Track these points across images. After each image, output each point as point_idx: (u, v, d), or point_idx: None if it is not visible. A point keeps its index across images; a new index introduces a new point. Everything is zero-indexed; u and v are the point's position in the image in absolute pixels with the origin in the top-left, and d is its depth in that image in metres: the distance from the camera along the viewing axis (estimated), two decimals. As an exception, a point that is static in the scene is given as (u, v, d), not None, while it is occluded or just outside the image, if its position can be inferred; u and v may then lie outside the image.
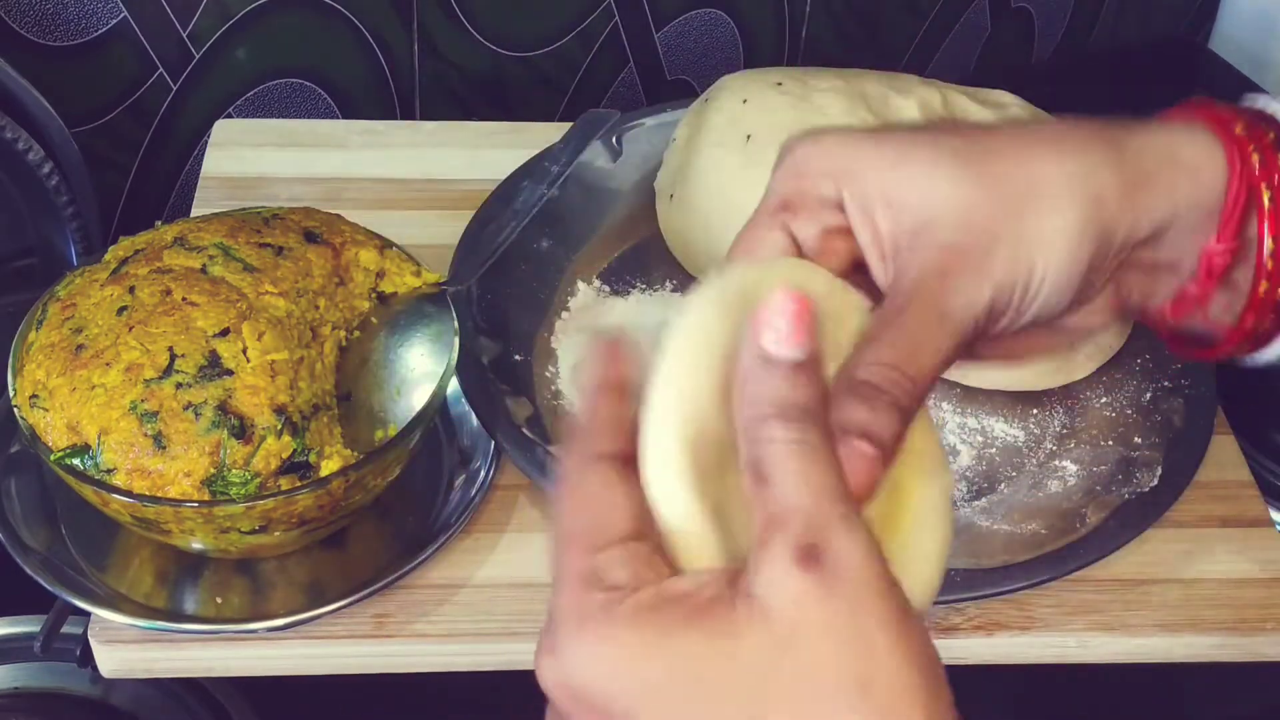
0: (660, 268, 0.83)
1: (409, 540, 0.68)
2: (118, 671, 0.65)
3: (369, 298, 0.69)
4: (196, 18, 0.92)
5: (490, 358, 0.74)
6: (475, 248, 0.78)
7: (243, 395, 0.60)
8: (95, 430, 0.59)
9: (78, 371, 0.60)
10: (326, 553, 0.68)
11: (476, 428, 0.71)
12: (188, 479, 0.59)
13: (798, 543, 0.35)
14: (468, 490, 0.69)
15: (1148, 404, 0.75)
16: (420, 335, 0.69)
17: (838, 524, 0.35)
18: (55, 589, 0.63)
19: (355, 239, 0.69)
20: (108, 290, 0.63)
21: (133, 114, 0.95)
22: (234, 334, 0.61)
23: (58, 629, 0.65)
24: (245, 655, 0.65)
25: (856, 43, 1.12)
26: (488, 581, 0.67)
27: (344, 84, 0.99)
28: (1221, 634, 0.67)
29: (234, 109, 0.98)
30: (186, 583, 0.66)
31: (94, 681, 0.74)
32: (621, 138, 0.87)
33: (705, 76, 1.06)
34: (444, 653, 0.66)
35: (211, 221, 0.68)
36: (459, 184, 0.88)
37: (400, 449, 0.64)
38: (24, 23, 0.89)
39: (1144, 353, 0.77)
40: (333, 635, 0.65)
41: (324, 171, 0.89)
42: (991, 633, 0.66)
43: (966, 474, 0.72)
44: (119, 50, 0.91)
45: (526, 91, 1.04)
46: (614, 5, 1.02)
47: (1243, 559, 0.70)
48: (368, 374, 0.68)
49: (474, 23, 0.99)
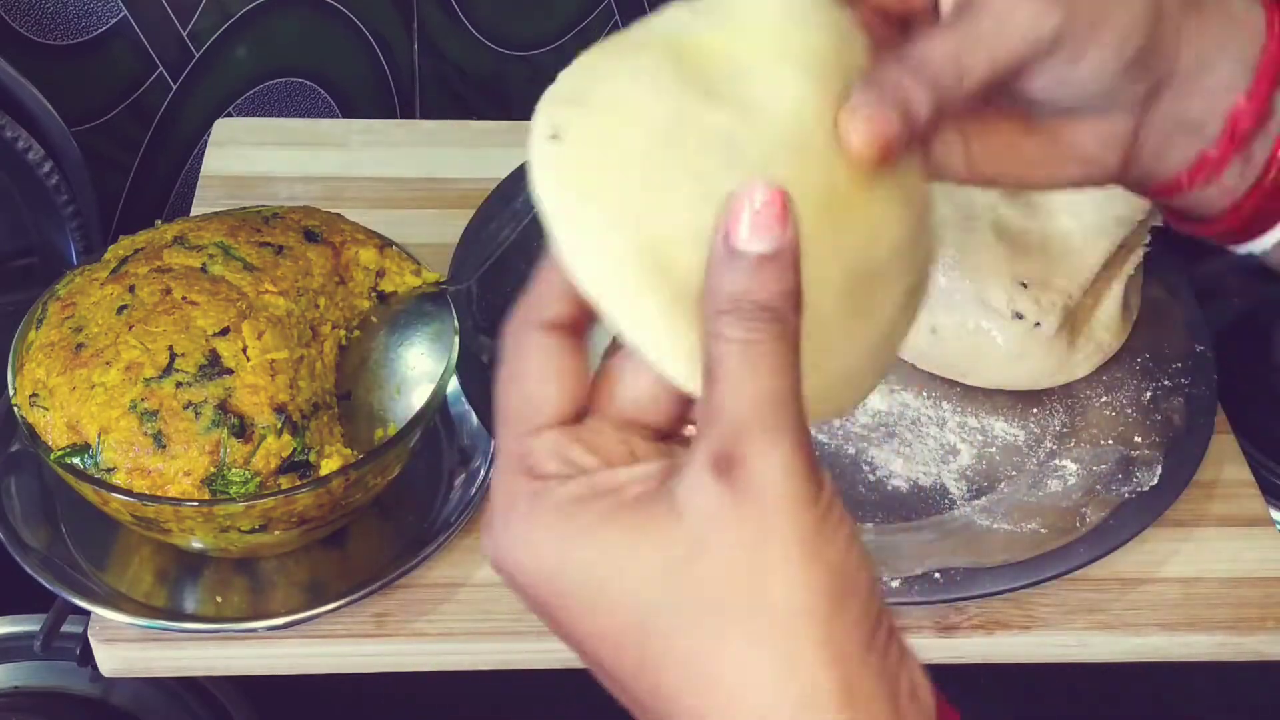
0: (660, 267, 0.83)
1: (409, 539, 0.68)
2: (118, 670, 0.65)
3: (369, 297, 0.69)
4: (196, 17, 0.92)
5: (490, 357, 0.74)
6: (475, 247, 0.78)
7: (243, 394, 0.60)
8: (95, 429, 0.59)
9: (78, 370, 0.60)
10: (326, 552, 0.68)
11: (476, 427, 0.71)
12: (188, 478, 0.59)
13: (717, 450, 0.34)
14: (467, 489, 0.69)
15: (1148, 403, 0.75)
16: (420, 334, 0.69)
17: (762, 435, 0.34)
18: (55, 588, 0.63)
19: (355, 238, 0.69)
20: (108, 289, 0.63)
21: (133, 113, 0.95)
22: (234, 333, 0.61)
23: (58, 628, 0.65)
24: (245, 654, 0.65)
25: (856, 42, 1.11)
26: (488, 580, 0.67)
27: (344, 83, 0.99)
28: (1221, 633, 0.67)
29: (234, 108, 0.98)
30: (186, 582, 0.66)
31: (94, 680, 0.75)
32: (621, 137, 0.87)
33: (705, 75, 1.06)
34: (444, 652, 0.66)
35: (211, 220, 0.68)
36: (459, 183, 0.88)
37: (400, 448, 0.64)
38: (24, 22, 0.89)
39: (1144, 352, 0.77)
40: (333, 634, 0.65)
41: (324, 170, 0.89)
42: (992, 632, 0.66)
43: (967, 473, 0.72)
44: (119, 49, 0.91)
45: (527, 91, 1.04)
46: (614, 4, 1.02)
47: (1242, 558, 0.70)
48: (368, 373, 0.68)
49: (474, 22, 0.99)
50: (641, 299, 0.36)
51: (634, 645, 0.35)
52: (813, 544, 0.34)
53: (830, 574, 0.34)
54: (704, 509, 0.34)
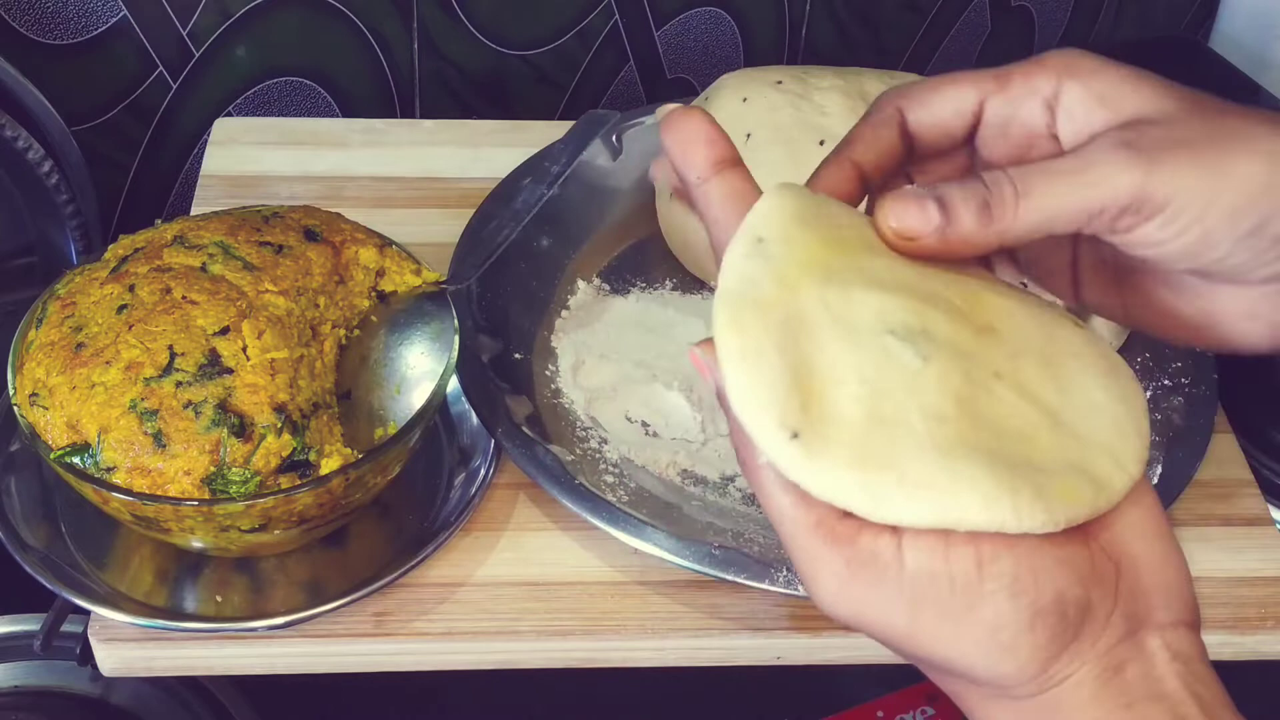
0: (660, 266, 0.83)
1: (409, 538, 0.68)
2: (118, 670, 0.65)
3: (369, 296, 0.69)
4: (196, 16, 0.92)
5: (490, 356, 0.74)
6: (475, 246, 0.78)
7: (242, 393, 0.60)
8: (95, 428, 0.59)
9: (77, 370, 0.60)
10: (326, 551, 0.68)
11: (476, 426, 0.71)
12: (187, 477, 0.59)
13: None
14: (467, 488, 0.69)
15: (1148, 403, 0.75)
16: (420, 334, 0.69)
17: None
18: (55, 587, 0.63)
19: (355, 237, 0.69)
20: (107, 288, 0.63)
21: (133, 112, 0.95)
22: (234, 332, 0.61)
23: (58, 627, 0.65)
24: (245, 654, 0.65)
25: (856, 41, 1.12)
26: (487, 580, 0.67)
27: (344, 82, 0.99)
28: (1221, 632, 0.67)
29: (234, 107, 0.98)
30: (186, 581, 0.66)
31: (94, 680, 0.75)
32: (621, 137, 0.87)
33: (705, 75, 1.06)
34: (444, 651, 0.66)
35: (211, 220, 0.68)
36: (459, 182, 0.88)
37: (400, 447, 0.64)
38: (24, 21, 0.89)
39: (1144, 352, 0.77)
40: (333, 634, 0.65)
41: (324, 170, 0.89)
42: (991, 631, 0.66)
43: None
44: (119, 48, 0.91)
45: (526, 90, 1.04)
46: (614, 4, 1.02)
47: (1243, 557, 0.70)
48: (368, 372, 0.68)
49: (474, 21, 0.99)
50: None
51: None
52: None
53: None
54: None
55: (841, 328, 0.40)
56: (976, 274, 0.44)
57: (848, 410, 0.39)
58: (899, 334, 0.40)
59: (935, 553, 0.38)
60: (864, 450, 0.39)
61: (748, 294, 0.40)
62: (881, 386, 0.39)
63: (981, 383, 0.41)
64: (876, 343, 0.40)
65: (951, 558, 0.38)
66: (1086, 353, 0.43)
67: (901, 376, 0.40)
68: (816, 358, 0.39)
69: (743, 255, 0.41)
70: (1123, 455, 0.42)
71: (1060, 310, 0.45)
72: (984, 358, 0.41)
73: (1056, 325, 0.44)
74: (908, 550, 0.38)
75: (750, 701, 0.79)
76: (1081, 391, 0.42)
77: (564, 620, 0.66)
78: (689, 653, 0.67)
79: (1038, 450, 0.40)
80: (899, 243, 0.42)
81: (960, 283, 0.43)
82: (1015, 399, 0.41)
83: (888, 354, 0.40)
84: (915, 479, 0.39)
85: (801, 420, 0.39)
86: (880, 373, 0.39)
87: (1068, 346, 0.43)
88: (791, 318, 0.40)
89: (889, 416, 0.39)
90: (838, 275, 0.41)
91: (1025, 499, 0.39)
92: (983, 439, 0.40)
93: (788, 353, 0.39)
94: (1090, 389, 0.43)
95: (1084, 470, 0.41)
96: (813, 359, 0.39)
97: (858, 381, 0.39)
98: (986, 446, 0.39)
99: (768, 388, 0.39)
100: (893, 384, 0.40)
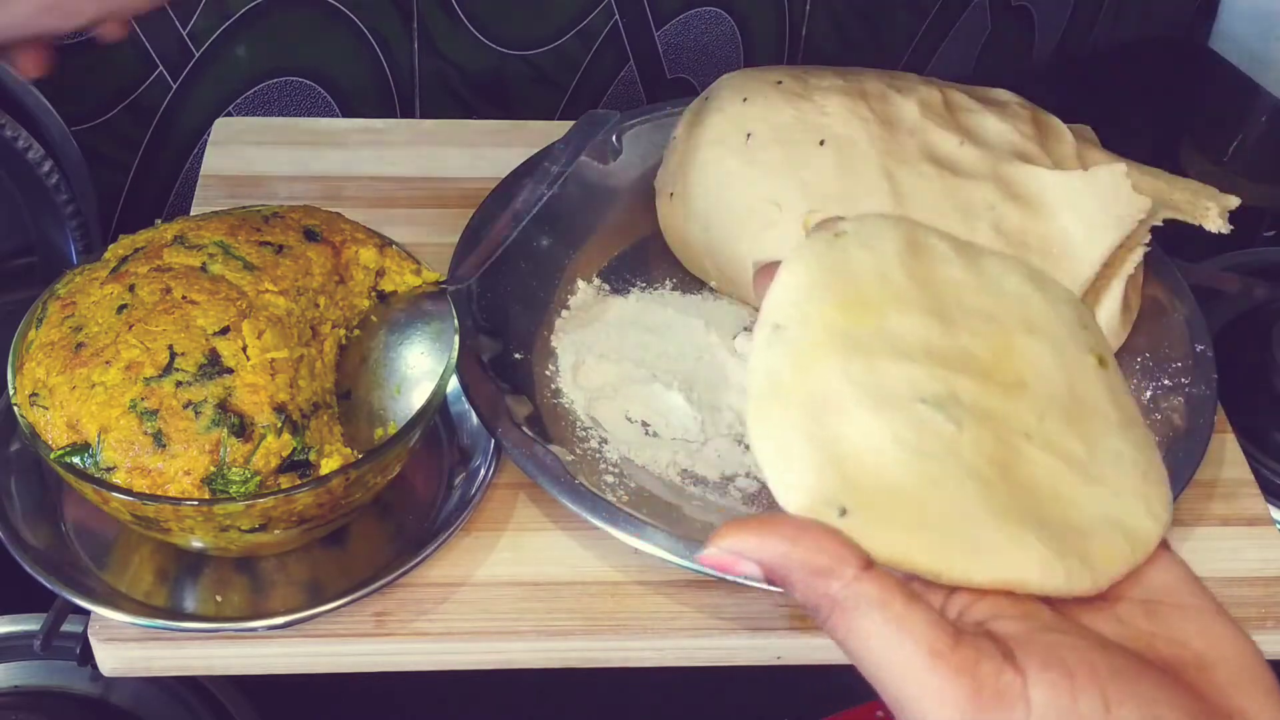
0: (660, 266, 0.83)
1: (409, 538, 0.68)
2: (118, 670, 0.65)
3: (369, 296, 0.69)
4: (196, 16, 0.92)
5: (490, 356, 0.74)
6: (475, 246, 0.78)
7: (243, 393, 0.60)
8: (95, 428, 0.59)
9: (77, 370, 0.60)
10: (326, 551, 0.68)
11: (476, 426, 0.71)
12: (187, 477, 0.59)
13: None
14: (467, 488, 0.69)
15: (1148, 403, 0.75)
16: (420, 334, 0.69)
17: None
18: (55, 587, 0.63)
19: (355, 237, 0.69)
20: (107, 288, 0.63)
21: (132, 112, 0.95)
22: (234, 332, 0.61)
23: (58, 627, 0.65)
24: (245, 653, 0.65)
25: (856, 41, 1.12)
26: (488, 580, 0.67)
27: (344, 82, 0.99)
28: (1221, 632, 0.67)
29: (234, 107, 0.98)
30: (186, 581, 0.66)
31: (94, 680, 0.75)
32: (621, 137, 0.87)
33: (705, 75, 1.06)
34: (444, 651, 0.66)
35: (211, 220, 0.68)
36: (459, 182, 0.88)
37: (400, 447, 0.64)
38: (24, 21, 0.88)
39: (1144, 352, 0.77)
40: (333, 634, 0.65)
41: (324, 170, 0.89)
42: (991, 631, 0.66)
43: (966, 472, 0.72)
44: (119, 49, 0.91)
45: (526, 90, 1.04)
46: (614, 4, 1.02)
47: (1242, 557, 0.70)
48: (368, 372, 0.68)
49: (474, 21, 0.99)
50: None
51: None
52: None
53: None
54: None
55: (870, 398, 0.40)
56: (1006, 305, 0.44)
57: (893, 475, 0.39)
58: (929, 401, 0.40)
59: (1060, 690, 0.38)
60: (921, 514, 0.39)
61: (771, 390, 0.40)
62: (923, 450, 0.39)
63: (1013, 445, 0.41)
64: (908, 410, 0.40)
65: (1079, 698, 0.39)
66: (1104, 400, 0.44)
67: (939, 441, 0.40)
68: (847, 430, 0.39)
69: (764, 347, 0.41)
70: (1154, 502, 0.42)
71: (1082, 340, 0.45)
72: (1014, 419, 0.41)
73: (1080, 369, 0.44)
74: (1033, 687, 0.38)
75: (750, 701, 0.79)
76: (1104, 441, 0.43)
77: (564, 620, 0.66)
78: (689, 653, 0.67)
79: (1074, 509, 0.41)
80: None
81: (989, 325, 0.43)
82: (1048, 459, 0.41)
83: (921, 421, 0.40)
84: (977, 542, 0.39)
85: (845, 493, 0.39)
86: (919, 437, 0.40)
87: (1087, 392, 0.44)
88: (814, 397, 0.40)
89: (938, 479, 0.39)
90: (861, 345, 0.41)
91: (1075, 565, 0.40)
92: (1025, 503, 0.40)
93: (815, 434, 0.39)
94: (1112, 438, 0.43)
95: (1119, 522, 0.41)
96: (843, 433, 0.39)
97: (895, 448, 0.39)
98: (1029, 509, 0.40)
99: (800, 474, 0.39)
100: (933, 448, 0.40)
